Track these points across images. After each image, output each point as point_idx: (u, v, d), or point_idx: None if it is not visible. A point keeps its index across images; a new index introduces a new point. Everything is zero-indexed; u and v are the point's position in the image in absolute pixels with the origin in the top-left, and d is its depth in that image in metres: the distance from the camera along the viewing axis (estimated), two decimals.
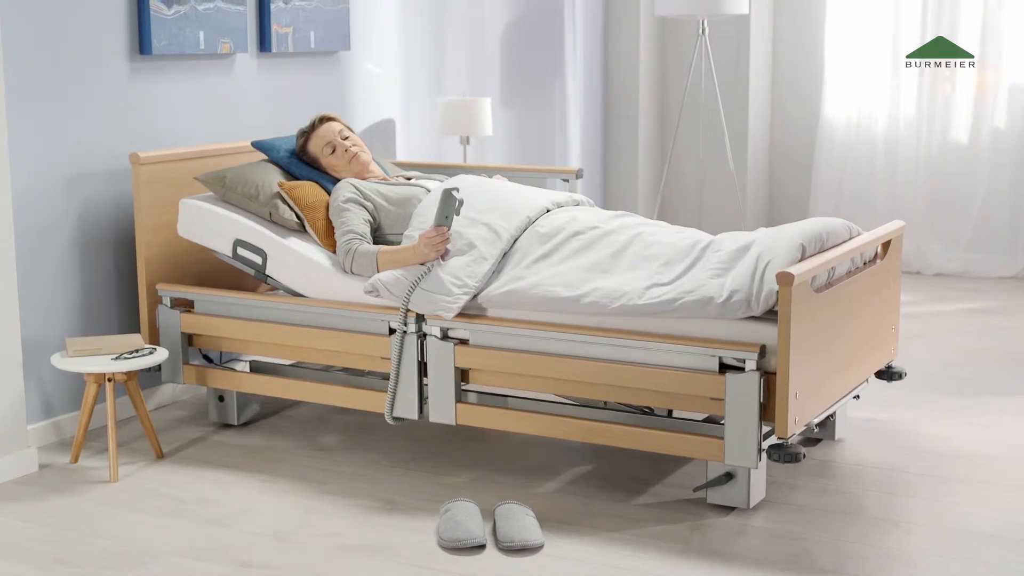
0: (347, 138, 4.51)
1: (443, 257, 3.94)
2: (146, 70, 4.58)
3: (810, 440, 4.20)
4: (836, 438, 4.22)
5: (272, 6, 5.02)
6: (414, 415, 3.99)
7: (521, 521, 3.45)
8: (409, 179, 4.54)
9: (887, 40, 7.26)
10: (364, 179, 4.44)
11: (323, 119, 4.55)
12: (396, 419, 4.04)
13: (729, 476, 3.60)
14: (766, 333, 3.49)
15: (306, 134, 4.54)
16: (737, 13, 6.72)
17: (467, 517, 3.47)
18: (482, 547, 3.39)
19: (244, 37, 4.91)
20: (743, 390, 3.46)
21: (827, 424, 4.19)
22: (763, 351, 3.46)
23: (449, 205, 3.92)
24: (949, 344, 5.58)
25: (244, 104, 5.00)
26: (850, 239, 3.91)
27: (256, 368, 4.48)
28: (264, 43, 5.05)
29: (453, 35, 6.25)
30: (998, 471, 3.96)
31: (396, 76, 5.85)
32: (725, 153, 7.20)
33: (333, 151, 4.49)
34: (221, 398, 4.44)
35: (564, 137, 7.14)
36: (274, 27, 5.05)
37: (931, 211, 7.24)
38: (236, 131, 4.94)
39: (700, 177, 7.38)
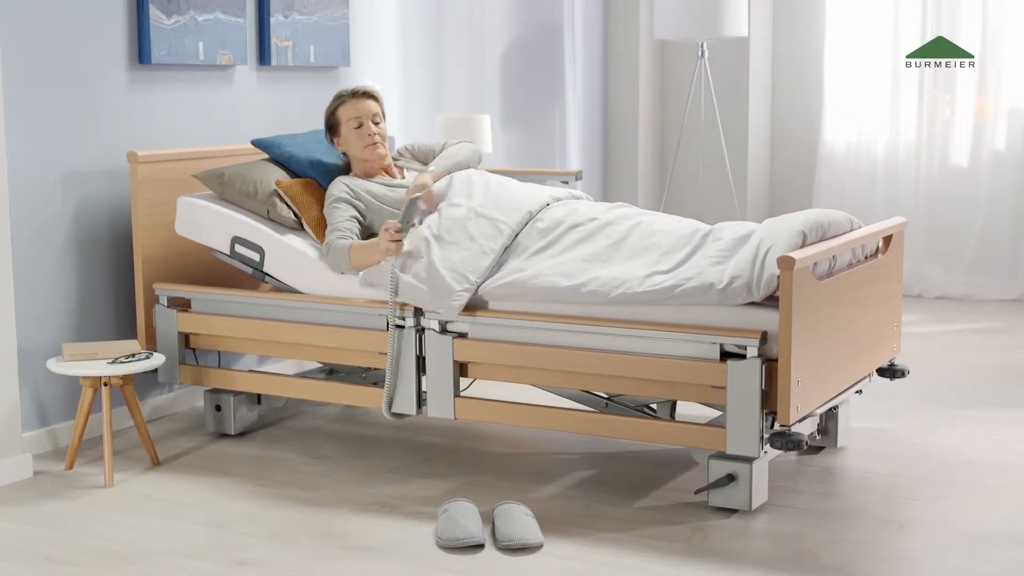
0: (378, 124, 4.39)
1: (402, 269, 3.92)
2: (145, 79, 4.58)
3: (812, 448, 4.16)
4: (838, 446, 4.19)
5: (272, 19, 5.03)
6: (412, 411, 3.97)
7: (520, 521, 3.42)
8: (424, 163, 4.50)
9: (887, 63, 7.27)
10: (370, 174, 4.40)
11: (366, 93, 4.41)
12: (394, 415, 4.01)
13: (731, 478, 3.56)
14: (767, 319, 3.47)
15: (342, 99, 4.41)
16: (736, 36, 6.73)
17: (465, 517, 3.43)
18: (480, 546, 3.35)
19: (244, 49, 4.91)
20: (745, 377, 3.43)
21: (829, 431, 4.16)
22: (764, 337, 3.44)
23: (411, 213, 3.96)
24: (950, 360, 5.55)
25: (243, 116, 4.99)
26: (851, 231, 3.91)
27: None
28: (264, 56, 5.05)
29: (453, 53, 6.25)
30: (1001, 476, 3.93)
31: (395, 92, 5.85)
32: (725, 175, 7.20)
33: (359, 126, 4.36)
34: (218, 407, 4.40)
35: (564, 155, 7.13)
36: (274, 40, 5.05)
37: (931, 234, 7.23)
38: (234, 142, 4.93)
39: (700, 199, 7.37)
